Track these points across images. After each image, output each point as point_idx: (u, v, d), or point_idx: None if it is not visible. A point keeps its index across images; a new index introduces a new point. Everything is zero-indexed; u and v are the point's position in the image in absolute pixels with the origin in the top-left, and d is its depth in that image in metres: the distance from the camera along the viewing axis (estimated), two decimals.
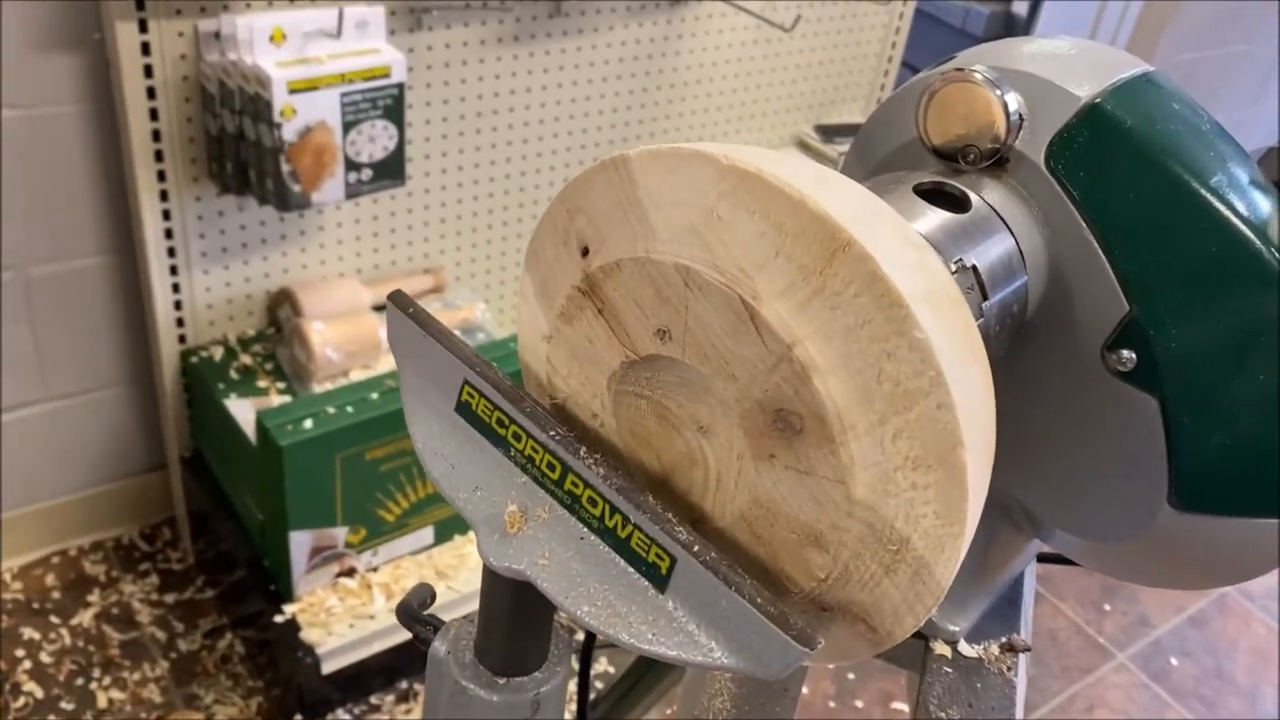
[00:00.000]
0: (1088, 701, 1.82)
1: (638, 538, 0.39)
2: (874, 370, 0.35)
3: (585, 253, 0.42)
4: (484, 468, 0.43)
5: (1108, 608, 1.99)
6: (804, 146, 2.16)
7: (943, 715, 0.57)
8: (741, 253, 0.37)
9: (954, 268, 0.46)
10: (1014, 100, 0.49)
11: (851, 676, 1.80)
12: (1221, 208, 0.47)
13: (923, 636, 0.61)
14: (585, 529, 0.41)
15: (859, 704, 1.76)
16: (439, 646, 0.46)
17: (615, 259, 0.40)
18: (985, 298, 0.47)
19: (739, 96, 2.05)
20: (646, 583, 0.39)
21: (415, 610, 0.49)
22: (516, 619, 0.44)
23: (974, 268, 0.46)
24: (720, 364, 0.38)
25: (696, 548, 0.38)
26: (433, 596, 0.51)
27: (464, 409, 0.44)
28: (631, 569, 0.39)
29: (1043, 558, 0.68)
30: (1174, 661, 1.91)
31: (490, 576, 0.43)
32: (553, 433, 0.41)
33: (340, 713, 1.64)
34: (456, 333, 1.67)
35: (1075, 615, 1.97)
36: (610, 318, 0.42)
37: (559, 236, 0.43)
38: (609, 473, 0.40)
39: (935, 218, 0.48)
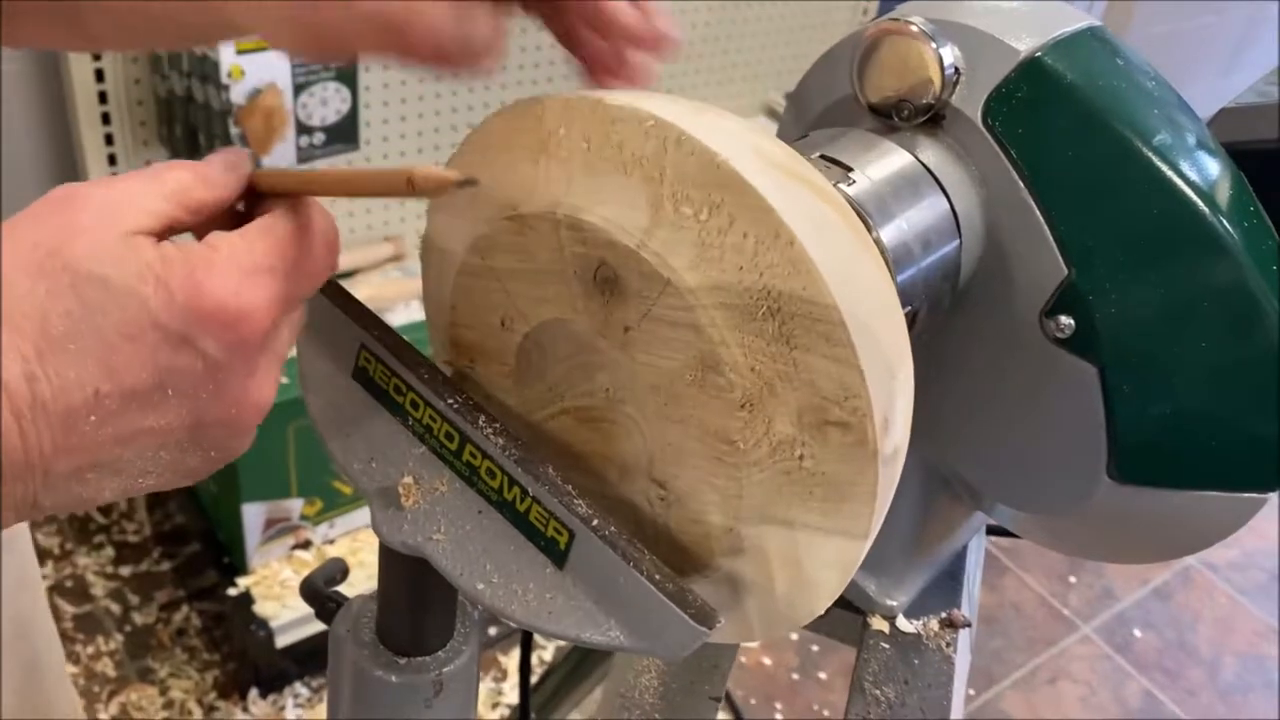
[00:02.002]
0: (1051, 673, 1.82)
1: (536, 511, 0.37)
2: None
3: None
4: (381, 438, 0.41)
5: (1073, 580, 1.99)
6: (773, 114, 2.13)
7: (878, 693, 0.56)
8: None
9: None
10: (950, 53, 0.47)
11: (815, 648, 1.79)
12: (1165, 168, 0.45)
13: (860, 611, 0.60)
14: (484, 502, 0.39)
15: (822, 675, 1.76)
16: (339, 625, 0.44)
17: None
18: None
19: (706, 63, 2.02)
20: (545, 558, 0.37)
21: (320, 587, 0.47)
22: (416, 596, 0.41)
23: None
24: (545, 302, 0.38)
25: (595, 522, 0.36)
26: (343, 573, 0.49)
27: (361, 375, 0.42)
28: (530, 544, 0.37)
29: (991, 530, 0.67)
30: (1137, 633, 1.91)
31: (387, 552, 0.41)
32: (451, 401, 0.39)
33: (298, 686, 1.62)
34: (415, 302, 1.62)
35: (1040, 587, 1.97)
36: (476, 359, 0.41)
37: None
38: (508, 443, 0.38)
39: (863, 181, 0.45)
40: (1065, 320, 0.46)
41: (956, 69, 0.47)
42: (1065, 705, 1.77)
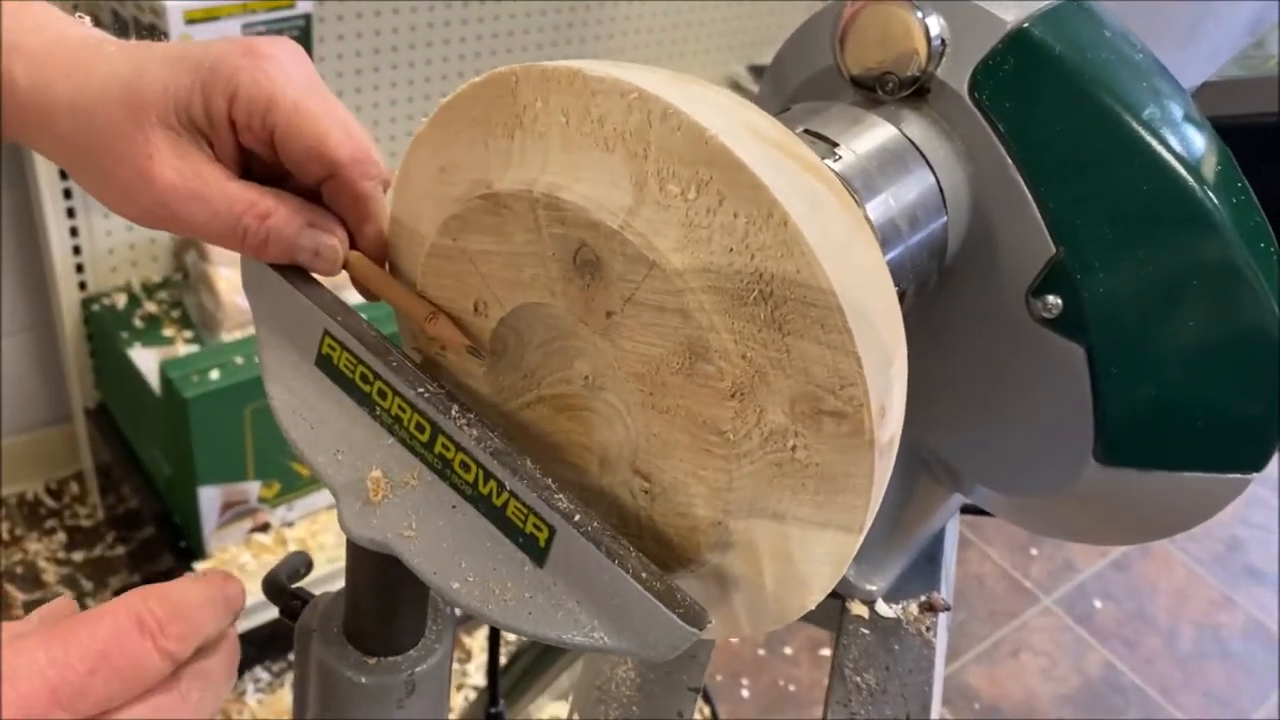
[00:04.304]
0: (1013, 645, 1.83)
1: (514, 506, 0.35)
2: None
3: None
4: (347, 429, 0.39)
5: (1034, 552, 2.01)
6: (736, 87, 2.11)
7: (858, 679, 0.55)
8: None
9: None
10: (936, 24, 0.45)
11: None
12: (1154, 143, 0.44)
13: (839, 596, 0.58)
14: (458, 497, 0.37)
15: (788, 651, 1.76)
16: (306, 623, 0.42)
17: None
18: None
19: (669, 34, 1.99)
20: (524, 556, 0.35)
21: (283, 582, 0.44)
22: (385, 594, 0.39)
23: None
24: (520, 286, 0.36)
25: (577, 517, 0.34)
26: (308, 567, 0.47)
27: (325, 363, 0.39)
28: (508, 540, 0.35)
29: (964, 509, 0.66)
30: (1097, 604, 1.93)
31: (355, 549, 0.39)
32: (421, 390, 0.37)
33: (258, 671, 1.60)
34: None
35: (1002, 560, 1.99)
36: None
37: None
38: (483, 434, 0.36)
39: (849, 156, 0.44)
40: (1053, 300, 0.45)
41: (942, 40, 0.45)
42: (1027, 677, 1.78)
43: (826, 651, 1.75)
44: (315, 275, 0.42)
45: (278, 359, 0.40)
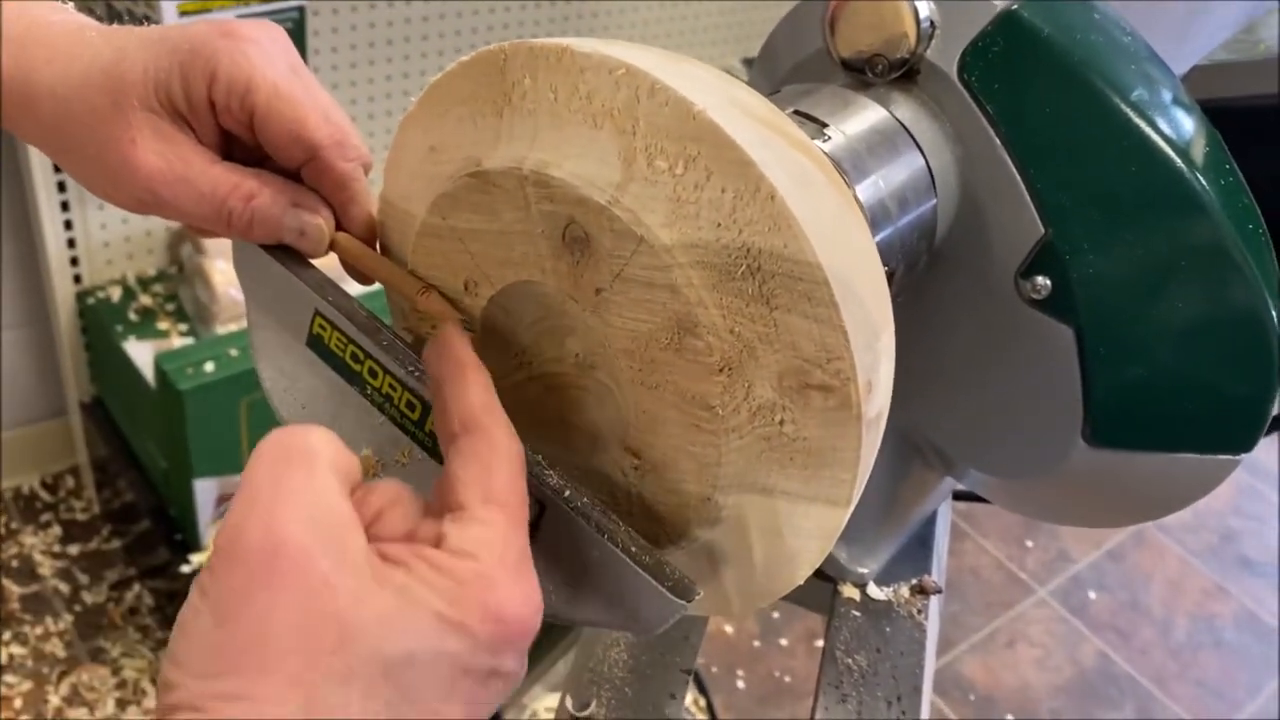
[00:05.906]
0: (1008, 636, 1.84)
1: None
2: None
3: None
4: (338, 408, 0.39)
5: (1029, 544, 2.02)
6: None
7: (849, 661, 0.55)
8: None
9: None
10: (925, 6, 0.46)
11: (776, 615, 1.80)
12: (1144, 125, 0.44)
13: (830, 579, 0.59)
14: None
15: (784, 642, 1.76)
16: None
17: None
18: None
19: (663, 27, 1.99)
20: None
21: None
22: None
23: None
24: (510, 264, 0.36)
25: (567, 493, 0.34)
26: None
27: (316, 343, 0.40)
28: None
29: (957, 495, 0.66)
30: (1092, 595, 1.94)
31: None
32: (412, 368, 0.37)
33: None
34: None
35: (997, 552, 1.99)
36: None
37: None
38: None
39: (838, 137, 0.44)
40: (1042, 281, 0.45)
41: (932, 22, 0.46)
42: (1022, 668, 1.79)
43: (821, 642, 1.76)
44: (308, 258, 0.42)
45: (269, 340, 0.41)
